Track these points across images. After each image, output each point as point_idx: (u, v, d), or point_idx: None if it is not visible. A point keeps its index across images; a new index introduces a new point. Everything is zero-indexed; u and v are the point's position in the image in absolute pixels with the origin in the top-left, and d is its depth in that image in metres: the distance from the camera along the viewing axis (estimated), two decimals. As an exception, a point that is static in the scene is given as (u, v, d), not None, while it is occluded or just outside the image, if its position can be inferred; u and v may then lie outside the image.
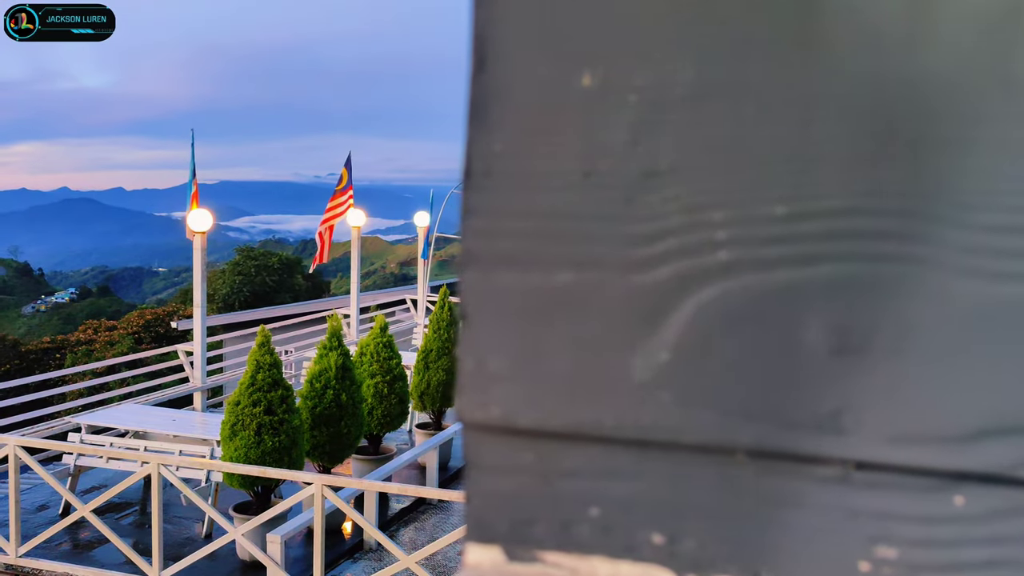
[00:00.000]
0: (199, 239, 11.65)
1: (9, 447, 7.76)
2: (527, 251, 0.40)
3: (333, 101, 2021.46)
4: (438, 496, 7.08)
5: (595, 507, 0.40)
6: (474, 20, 0.39)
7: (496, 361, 0.41)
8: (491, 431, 0.41)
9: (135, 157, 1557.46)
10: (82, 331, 46.83)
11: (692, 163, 0.38)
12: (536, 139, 0.40)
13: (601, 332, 0.39)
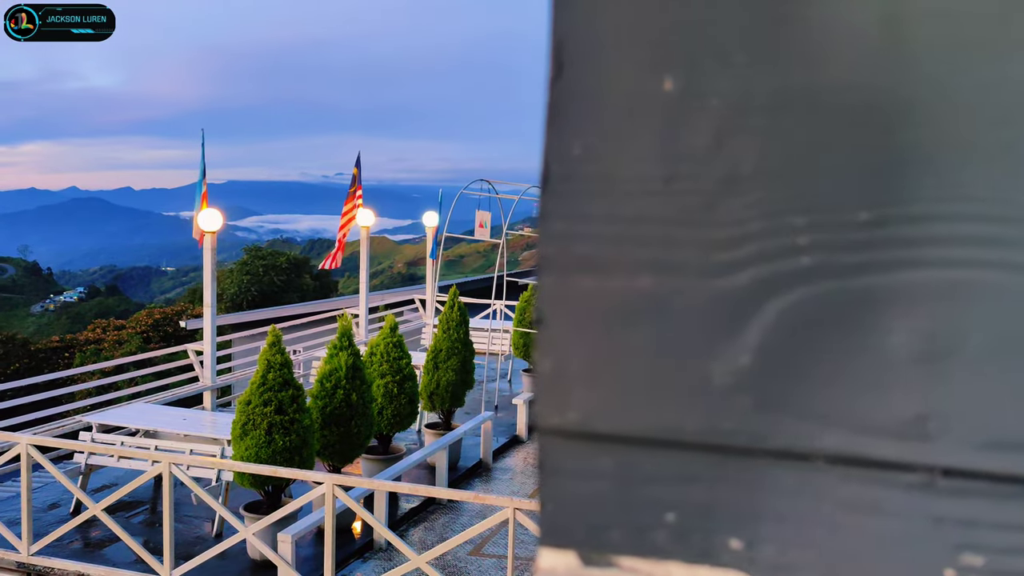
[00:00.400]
0: (209, 239, 11.68)
1: (21, 446, 7.78)
2: (606, 256, 0.40)
3: (341, 101, 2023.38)
4: (449, 496, 7.08)
5: (672, 512, 0.40)
6: (553, 25, 0.39)
7: (574, 366, 0.41)
8: (568, 436, 0.41)
9: (143, 157, 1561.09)
10: (91, 330, 46.98)
11: (774, 169, 0.38)
12: (616, 144, 0.40)
13: (682, 337, 0.39)
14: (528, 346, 13.88)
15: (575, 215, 0.40)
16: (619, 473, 0.41)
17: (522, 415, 12.13)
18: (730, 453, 0.39)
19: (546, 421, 0.41)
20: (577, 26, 0.39)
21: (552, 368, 0.41)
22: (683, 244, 0.39)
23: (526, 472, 10.81)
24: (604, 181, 0.40)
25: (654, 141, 0.39)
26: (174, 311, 46.03)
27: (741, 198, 0.39)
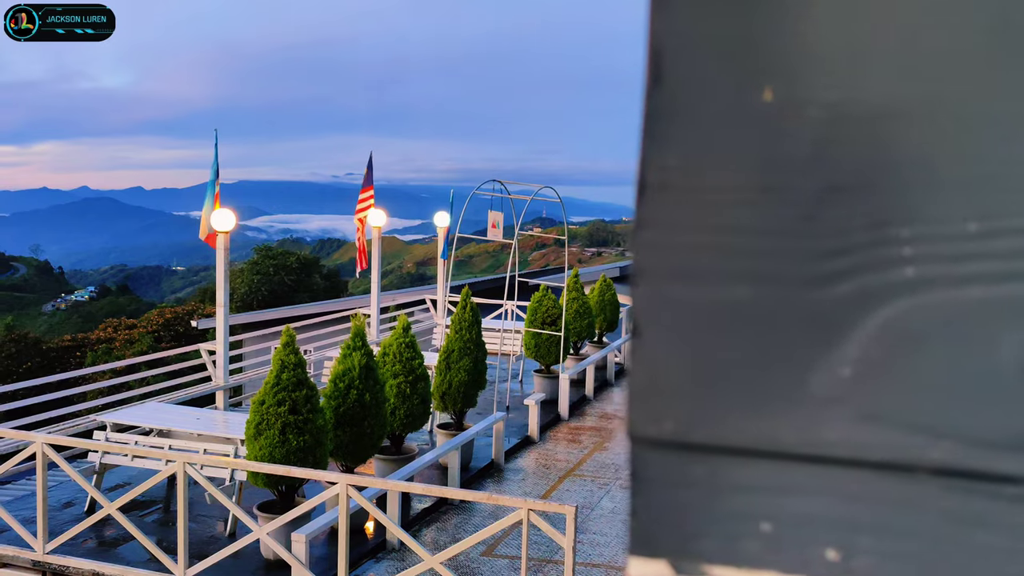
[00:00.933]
0: (223, 239, 11.71)
1: (36, 445, 7.81)
2: (702, 265, 0.40)
3: (351, 101, 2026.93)
4: (462, 497, 7.09)
5: (767, 522, 0.40)
6: (650, 35, 0.39)
7: (670, 375, 0.41)
8: (662, 445, 0.41)
9: (154, 156, 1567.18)
10: (102, 329, 47.17)
11: (877, 180, 0.38)
12: (713, 154, 0.39)
13: (780, 347, 0.39)
14: (539, 346, 13.87)
15: (671, 225, 0.40)
16: (713, 482, 0.41)
17: (534, 416, 12.12)
18: (829, 463, 0.39)
19: (640, 431, 0.41)
20: (674, 37, 0.39)
21: (646, 378, 0.41)
22: (782, 254, 0.39)
23: (538, 473, 10.81)
24: (701, 191, 0.40)
25: (752, 151, 0.39)
26: (185, 310, 46.19)
27: (842, 208, 0.39)
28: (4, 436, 8.55)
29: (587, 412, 13.84)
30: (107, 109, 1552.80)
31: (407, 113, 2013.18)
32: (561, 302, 14.10)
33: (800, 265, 0.39)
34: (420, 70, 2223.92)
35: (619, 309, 17.17)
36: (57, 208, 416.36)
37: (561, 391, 13.36)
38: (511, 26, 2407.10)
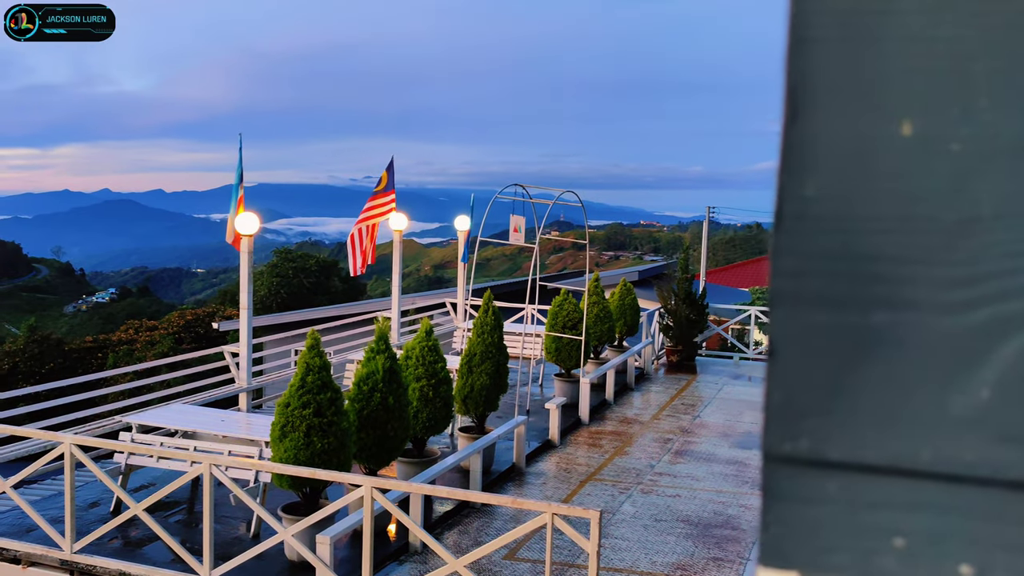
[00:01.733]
0: (246, 242, 11.79)
1: (65, 445, 7.89)
2: (840, 291, 0.41)
3: (370, 104, 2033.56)
4: (487, 501, 7.10)
5: (900, 538, 0.42)
6: (788, 72, 0.41)
7: (806, 396, 0.42)
8: (797, 463, 0.43)
9: (174, 159, 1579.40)
10: (123, 331, 47.57)
11: (1016, 211, 0.40)
12: (851, 185, 0.41)
13: (916, 370, 0.41)
14: (560, 350, 13.87)
15: (809, 252, 0.42)
16: (848, 499, 0.42)
17: (555, 420, 12.13)
18: (965, 482, 0.41)
19: (775, 448, 0.43)
20: (812, 73, 0.41)
21: (783, 398, 0.43)
22: (919, 282, 0.41)
23: (559, 477, 10.82)
24: (838, 220, 0.42)
25: (891, 183, 0.41)
26: (205, 312, 46.50)
27: (981, 238, 0.41)
28: (32, 436, 8.64)
29: (607, 416, 13.84)
30: (129, 112, 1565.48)
31: (426, 116, 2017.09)
32: (581, 306, 14.10)
33: (937, 292, 0.41)
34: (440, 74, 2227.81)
35: (639, 313, 17.16)
36: (79, 210, 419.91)
37: (582, 395, 13.36)
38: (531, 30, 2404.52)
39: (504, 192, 12.30)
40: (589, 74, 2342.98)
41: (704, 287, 18.29)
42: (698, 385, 16.45)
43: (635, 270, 33.36)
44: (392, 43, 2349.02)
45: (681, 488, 10.46)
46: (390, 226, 15.06)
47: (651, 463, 11.42)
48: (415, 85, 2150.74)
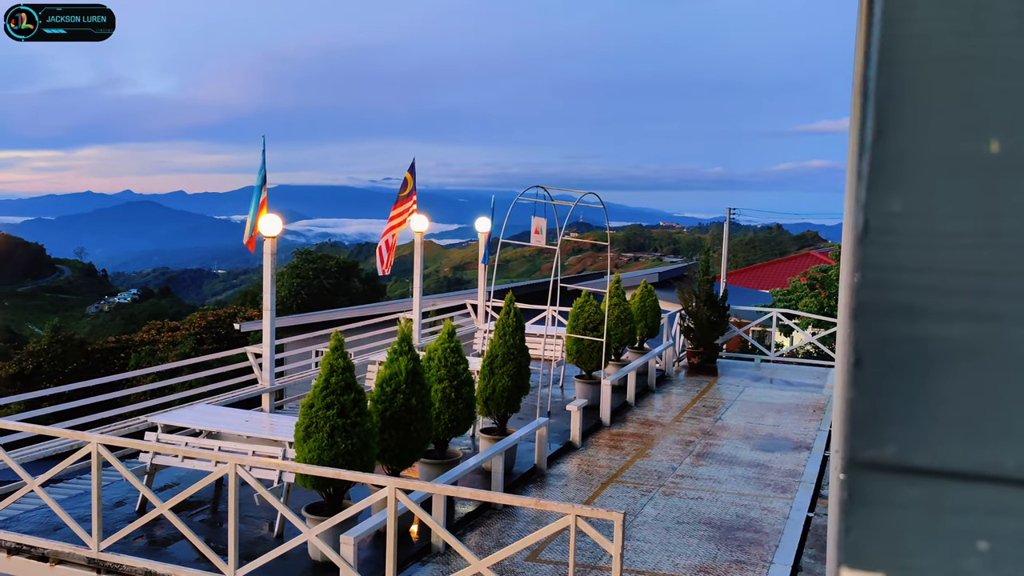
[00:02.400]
0: (269, 243, 11.87)
1: (92, 445, 7.98)
2: (924, 304, 0.43)
3: (389, 106, 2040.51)
4: (510, 502, 7.12)
5: (984, 541, 0.43)
6: (876, 90, 0.42)
7: (891, 404, 0.44)
8: (882, 468, 0.44)
9: (196, 161, 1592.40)
10: (145, 331, 47.95)
11: None
12: (938, 201, 0.43)
13: (999, 380, 0.42)
14: (581, 352, 13.87)
15: (893, 266, 0.44)
16: (931, 503, 0.44)
17: (576, 421, 12.14)
18: None
19: (859, 455, 0.45)
20: (900, 93, 0.42)
21: (868, 406, 0.44)
22: (1004, 295, 0.42)
23: (580, 479, 10.82)
24: (923, 235, 0.43)
25: (976, 198, 0.43)
26: (226, 313, 46.81)
27: None
28: (59, 436, 8.74)
29: (628, 418, 13.83)
30: (151, 114, 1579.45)
31: (446, 117, 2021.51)
32: (603, 307, 14.10)
33: (1020, 304, 0.42)
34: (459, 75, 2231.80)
35: (660, 315, 17.13)
36: (101, 212, 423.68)
37: (603, 397, 13.36)
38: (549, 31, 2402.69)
39: (526, 194, 12.32)
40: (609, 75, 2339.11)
41: (725, 289, 18.22)
42: (719, 387, 16.40)
43: (655, 272, 33.30)
44: (412, 44, 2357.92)
45: (703, 490, 10.44)
46: (411, 228, 15.12)
47: (673, 465, 11.40)
48: (435, 86, 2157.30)
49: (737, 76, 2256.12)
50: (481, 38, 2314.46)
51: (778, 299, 25.11)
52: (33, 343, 46.20)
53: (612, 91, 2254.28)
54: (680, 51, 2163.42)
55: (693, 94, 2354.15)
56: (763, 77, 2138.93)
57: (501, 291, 14.95)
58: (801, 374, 18.15)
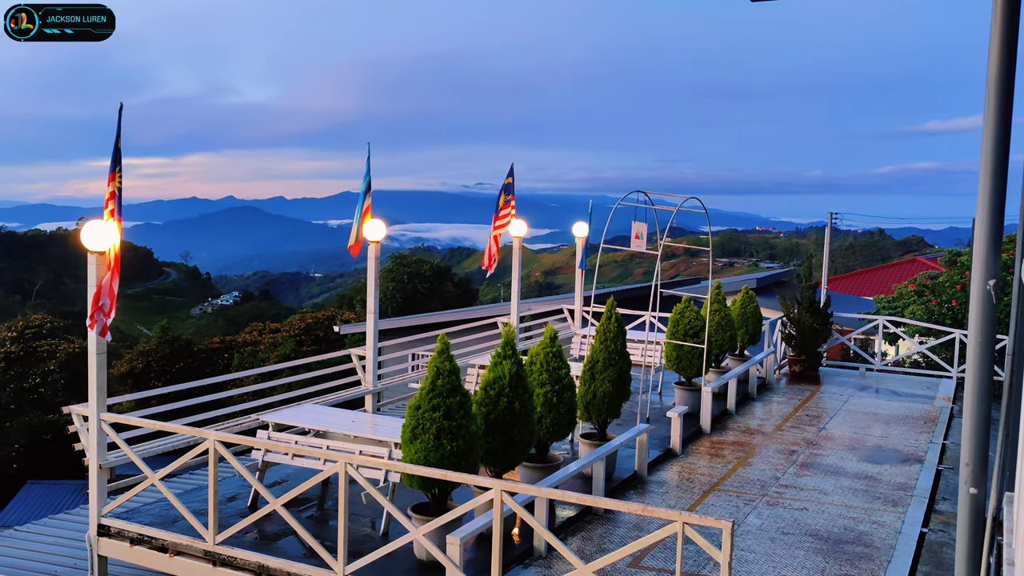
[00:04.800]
0: (374, 248, 12.12)
1: (209, 442, 8.28)
2: None
3: (483, 111, 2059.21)
4: (616, 507, 7.07)
5: None
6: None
7: None
8: None
9: (294, 167, 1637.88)
10: (247, 332, 49.42)
11: None
12: None
13: None
14: (681, 358, 13.72)
15: None
16: None
17: (676, 428, 12.01)
18: None
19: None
20: None
21: None
22: None
23: (681, 486, 10.70)
24: None
25: None
26: (324, 316, 47.87)
27: None
28: (178, 432, 9.09)
29: (729, 426, 13.61)
30: (253, 122, 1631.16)
31: (540, 122, 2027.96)
32: (703, 313, 13.91)
33: None
34: (552, 80, 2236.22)
35: (761, 321, 16.80)
36: (205, 217, 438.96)
37: (703, 404, 13.18)
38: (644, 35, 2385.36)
39: (627, 199, 12.25)
40: (705, 77, 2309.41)
41: (828, 295, 17.76)
42: (822, 396, 15.99)
43: (753, 277, 32.67)
44: (504, 50, 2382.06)
45: (808, 501, 10.20)
46: (510, 232, 15.21)
47: (776, 475, 11.17)
48: (531, 91, 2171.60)
49: (839, 77, 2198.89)
50: (574, 41, 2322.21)
51: (882, 306, 24.31)
52: (143, 343, 48.06)
53: (710, 93, 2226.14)
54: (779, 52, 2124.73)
55: (793, 96, 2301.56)
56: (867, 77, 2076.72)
57: (595, 296, 14.89)
58: (909, 384, 17.54)
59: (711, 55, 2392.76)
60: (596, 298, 15.04)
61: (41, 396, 41.89)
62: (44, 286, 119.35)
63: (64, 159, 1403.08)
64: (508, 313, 18.47)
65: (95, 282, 8.19)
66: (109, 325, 8.37)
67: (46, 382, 42.27)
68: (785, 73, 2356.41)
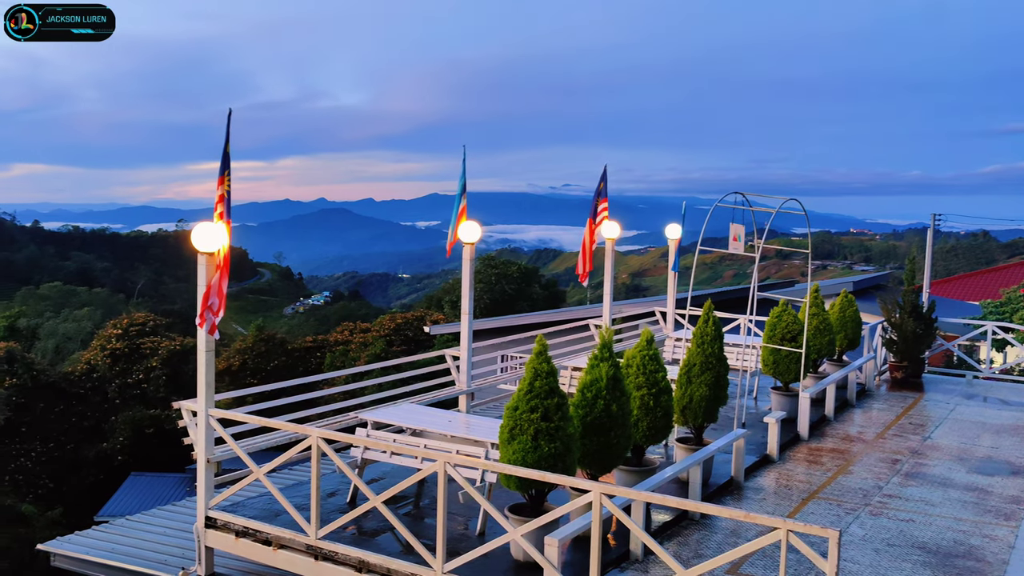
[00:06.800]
0: (468, 250, 12.21)
1: (312, 438, 8.47)
2: None
3: (570, 113, 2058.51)
4: (716, 512, 6.99)
5: None
6: None
7: None
8: None
9: (383, 169, 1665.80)
10: (339, 332, 50.34)
11: None
12: None
13: None
14: (778, 363, 13.44)
15: None
16: None
17: (773, 434, 11.77)
18: None
19: None
20: None
21: None
22: None
23: (779, 493, 10.48)
24: None
25: None
26: (414, 316, 48.44)
27: None
28: (281, 429, 9.32)
29: (827, 433, 13.27)
30: (344, 126, 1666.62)
31: (629, 123, 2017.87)
32: (801, 317, 13.60)
33: None
34: (640, 81, 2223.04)
35: (861, 326, 16.34)
36: (297, 218, 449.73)
37: (801, 410, 12.90)
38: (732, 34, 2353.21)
39: (724, 200, 12.08)
40: (799, 74, 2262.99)
41: (933, 300, 17.16)
42: (926, 404, 15.45)
43: (848, 280, 31.81)
44: (590, 51, 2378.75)
45: (914, 512, 9.87)
46: (602, 234, 15.15)
47: (879, 484, 10.85)
48: (619, 91, 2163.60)
49: (938, 73, 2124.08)
50: (663, 43, 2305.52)
51: (989, 311, 23.35)
52: (240, 341, 49.47)
53: (803, 91, 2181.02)
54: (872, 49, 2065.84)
55: (888, 93, 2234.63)
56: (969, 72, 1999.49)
57: (685, 299, 14.66)
58: (1020, 393, 16.81)
59: (801, 53, 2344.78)
60: (683, 302, 14.80)
61: (144, 391, 43.56)
62: (146, 285, 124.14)
63: (165, 163, 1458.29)
64: (598, 315, 18.40)
65: (205, 282, 8.47)
66: (217, 324, 8.65)
67: (149, 378, 43.93)
68: (880, 70, 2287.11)
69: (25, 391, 40.50)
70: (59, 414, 41.09)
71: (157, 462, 38.32)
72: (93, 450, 40.02)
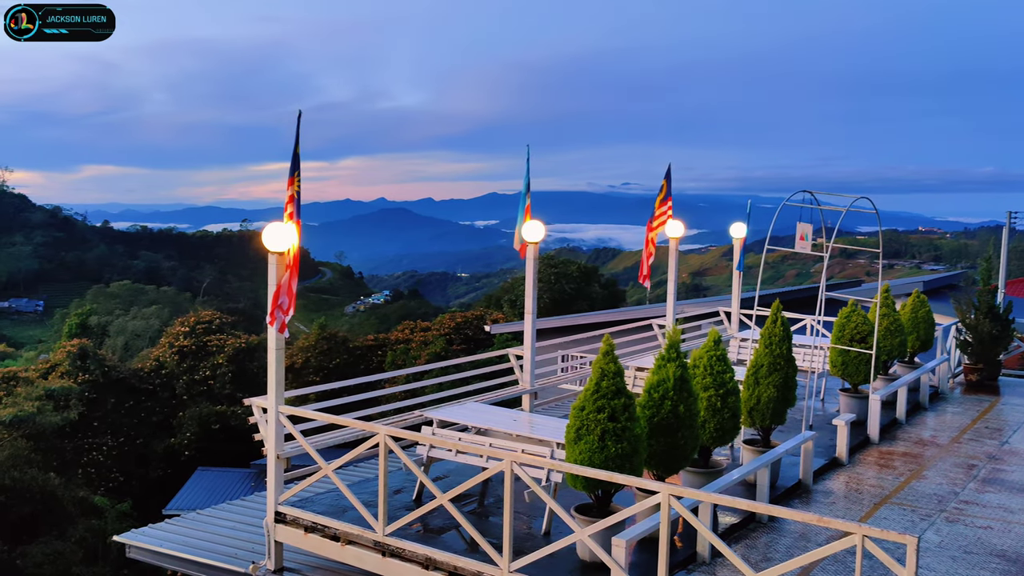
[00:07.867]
0: (532, 249, 12.20)
1: (380, 436, 8.55)
2: None
3: (630, 110, 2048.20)
4: (789, 516, 6.88)
5: None
6: None
7: None
8: None
9: (443, 169, 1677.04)
10: (399, 330, 50.78)
11: None
12: None
13: None
14: (847, 364, 13.17)
15: None
16: None
17: (843, 436, 11.54)
18: None
19: None
20: None
21: None
22: None
23: (849, 497, 10.27)
24: None
25: None
26: (473, 315, 48.66)
27: None
28: (350, 426, 9.42)
29: (899, 436, 12.96)
30: (404, 126, 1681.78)
31: (691, 121, 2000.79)
32: (871, 318, 13.31)
33: None
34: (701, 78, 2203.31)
35: (933, 327, 15.92)
36: (358, 218, 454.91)
37: (871, 412, 12.62)
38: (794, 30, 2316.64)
39: (792, 199, 11.87)
40: (864, 70, 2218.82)
41: (1010, 301, 16.66)
42: (1003, 408, 15.00)
43: (919, 280, 31.06)
44: (648, 49, 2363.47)
45: (993, 520, 9.58)
46: (666, 233, 15.02)
47: (954, 490, 10.56)
48: (681, 89, 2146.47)
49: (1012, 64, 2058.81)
50: (724, 40, 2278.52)
51: (1067, 313, 22.58)
52: (303, 339, 50.21)
53: (868, 88, 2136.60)
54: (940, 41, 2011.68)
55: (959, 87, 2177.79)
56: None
57: (750, 299, 14.46)
58: (1100, 397, 16.22)
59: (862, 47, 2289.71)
60: (748, 302, 14.58)
61: (210, 388, 44.49)
62: (211, 284, 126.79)
63: (229, 163, 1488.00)
64: (660, 315, 18.26)
65: (275, 281, 8.60)
66: (287, 322, 8.78)
67: (215, 375, 44.85)
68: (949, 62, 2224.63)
69: (97, 387, 41.70)
70: (129, 409, 42.24)
71: (223, 457, 39.09)
72: (161, 445, 41.03)
